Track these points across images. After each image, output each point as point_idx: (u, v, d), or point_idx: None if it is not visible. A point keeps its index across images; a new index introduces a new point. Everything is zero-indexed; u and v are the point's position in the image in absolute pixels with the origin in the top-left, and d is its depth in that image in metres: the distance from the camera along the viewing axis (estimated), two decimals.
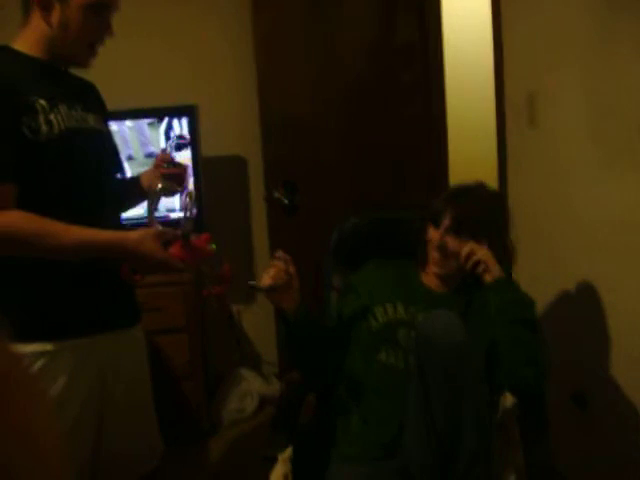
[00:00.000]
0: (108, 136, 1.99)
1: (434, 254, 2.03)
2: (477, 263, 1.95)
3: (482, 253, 1.95)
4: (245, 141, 3.65)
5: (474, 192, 2.08)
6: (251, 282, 1.91)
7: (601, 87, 2.21)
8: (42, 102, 1.68)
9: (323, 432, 1.99)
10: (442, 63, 3.61)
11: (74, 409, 1.72)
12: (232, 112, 3.64)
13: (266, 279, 1.84)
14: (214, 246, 1.78)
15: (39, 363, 1.66)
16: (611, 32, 2.14)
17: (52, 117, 1.69)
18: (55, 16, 1.70)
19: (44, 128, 1.66)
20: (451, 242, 1.99)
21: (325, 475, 1.87)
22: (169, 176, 1.98)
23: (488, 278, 1.93)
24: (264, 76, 3.49)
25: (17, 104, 1.64)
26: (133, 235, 1.66)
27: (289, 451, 2.00)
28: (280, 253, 1.89)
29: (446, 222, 2.00)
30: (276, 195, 3.36)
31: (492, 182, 3.02)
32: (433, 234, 2.03)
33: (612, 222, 2.18)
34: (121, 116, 3.24)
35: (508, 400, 1.84)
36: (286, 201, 3.29)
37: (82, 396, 1.76)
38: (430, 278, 2.07)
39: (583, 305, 2.27)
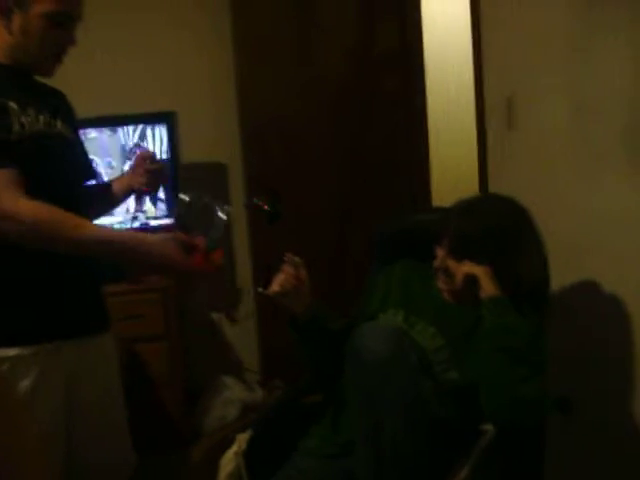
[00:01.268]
0: (78, 143, 1.97)
1: (438, 272, 1.94)
2: (474, 283, 1.83)
3: (475, 270, 1.83)
4: (225, 147, 3.63)
5: (478, 208, 1.92)
6: (259, 289, 1.90)
7: (581, 89, 2.21)
8: (12, 104, 1.68)
9: (289, 421, 2.01)
10: (423, 68, 3.62)
11: (41, 416, 1.69)
12: (211, 118, 3.62)
13: (275, 285, 1.86)
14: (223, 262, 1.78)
15: (2, 369, 1.63)
16: (591, 34, 2.14)
17: (23, 119, 1.68)
18: (15, 24, 1.70)
19: (16, 128, 1.66)
20: (451, 263, 1.88)
21: (282, 463, 1.89)
22: (153, 172, 1.98)
23: (482, 295, 1.82)
24: (244, 82, 3.48)
25: None
26: (155, 237, 1.65)
27: (249, 432, 2.00)
28: (290, 257, 1.89)
29: (445, 243, 1.89)
30: (255, 201, 3.33)
31: (473, 185, 3.02)
32: (438, 252, 1.92)
33: (594, 224, 2.18)
34: (100, 123, 3.23)
35: (489, 431, 1.79)
36: (267, 208, 3.27)
37: (49, 403, 1.72)
38: (446, 293, 1.96)
39: (563, 308, 2.27)
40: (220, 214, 1.77)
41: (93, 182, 2.10)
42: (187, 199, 1.80)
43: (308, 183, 3.58)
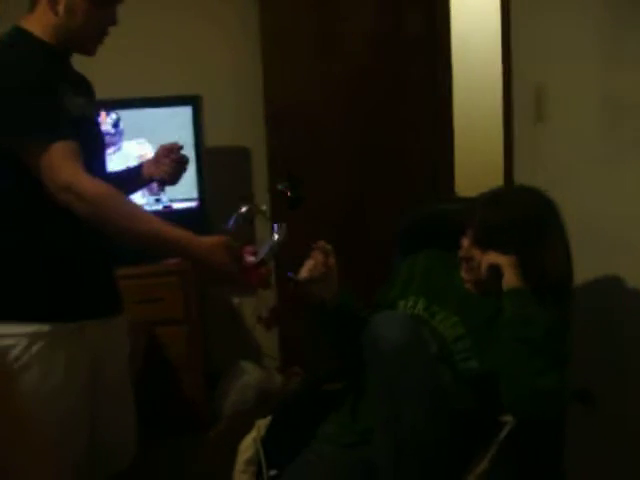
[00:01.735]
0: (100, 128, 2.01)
1: (462, 262, 1.92)
2: (498, 273, 1.82)
3: (499, 259, 1.81)
4: (249, 132, 3.63)
5: (504, 199, 1.92)
6: (290, 274, 1.90)
7: (611, 81, 2.19)
8: (61, 86, 1.71)
9: (308, 408, 2.02)
10: (450, 57, 3.59)
11: (75, 391, 1.73)
12: (236, 103, 3.63)
13: (304, 272, 1.87)
14: (271, 281, 1.83)
15: (39, 344, 1.67)
16: (624, 26, 2.11)
17: (66, 101, 1.71)
18: (61, 5, 1.71)
19: (63, 110, 1.68)
20: (476, 253, 1.87)
21: (300, 450, 1.89)
22: (179, 163, 2.01)
23: (504, 285, 1.80)
24: (269, 67, 3.47)
25: (46, 83, 1.67)
26: (206, 242, 1.65)
27: (268, 418, 2.01)
28: (321, 244, 1.89)
29: (471, 232, 1.89)
30: (280, 187, 3.33)
31: (498, 177, 3.00)
32: (463, 242, 1.91)
33: (621, 217, 2.15)
34: (124, 105, 3.24)
35: (508, 423, 1.76)
36: (289, 193, 3.27)
37: (81, 378, 1.76)
38: (469, 283, 1.94)
39: (591, 300, 2.25)
40: (275, 235, 1.78)
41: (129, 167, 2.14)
42: (243, 210, 1.82)
43: (331, 168, 3.57)
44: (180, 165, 2.02)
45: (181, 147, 2.03)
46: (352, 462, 1.83)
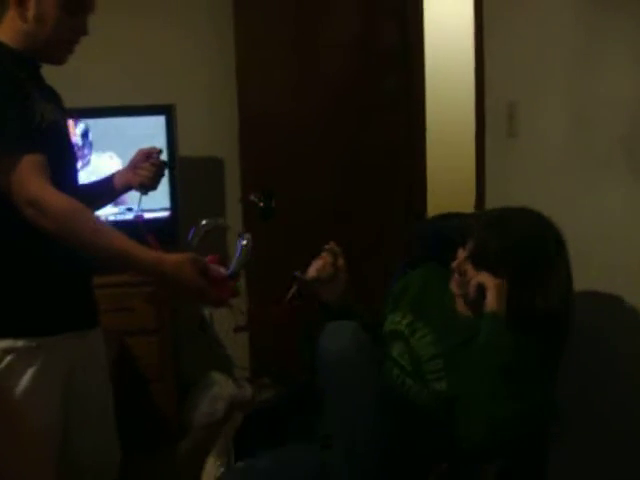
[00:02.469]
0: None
1: (454, 274, 1.90)
2: (483, 294, 1.80)
3: (487, 281, 1.79)
4: (222, 142, 3.63)
5: (510, 223, 1.86)
6: (296, 273, 1.89)
7: (583, 98, 2.21)
8: (33, 93, 1.69)
9: (282, 411, 2.03)
10: (423, 68, 3.61)
11: (41, 407, 1.70)
12: (209, 112, 3.62)
13: (311, 271, 1.89)
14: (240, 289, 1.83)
15: (8, 359, 1.66)
16: (594, 45, 2.14)
17: (37, 110, 1.69)
18: (30, 11, 1.70)
19: (37, 118, 1.67)
20: (469, 269, 1.85)
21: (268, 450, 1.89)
22: (159, 167, 2.00)
23: (485, 308, 1.78)
24: (243, 76, 3.47)
25: (18, 90, 1.65)
26: (171, 258, 1.63)
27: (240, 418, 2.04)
28: (331, 245, 1.92)
29: (468, 248, 1.87)
30: (252, 198, 3.32)
31: (470, 191, 3.02)
32: (459, 253, 1.89)
33: (592, 234, 2.17)
34: (95, 114, 3.22)
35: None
36: (261, 204, 3.26)
37: (49, 395, 1.73)
38: (458, 298, 1.93)
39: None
40: (244, 241, 1.80)
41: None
42: (202, 223, 1.83)
43: (304, 180, 3.57)
44: (160, 169, 2.01)
45: (160, 151, 2.01)
46: (310, 465, 1.83)
